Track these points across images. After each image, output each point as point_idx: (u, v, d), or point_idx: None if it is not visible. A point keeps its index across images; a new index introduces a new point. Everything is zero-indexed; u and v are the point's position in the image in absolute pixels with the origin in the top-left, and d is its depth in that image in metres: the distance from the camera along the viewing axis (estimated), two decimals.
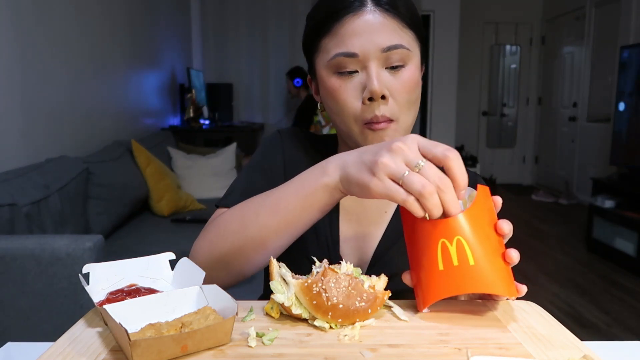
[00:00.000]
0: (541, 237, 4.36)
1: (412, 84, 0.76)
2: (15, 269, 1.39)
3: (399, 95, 0.75)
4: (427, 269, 0.60)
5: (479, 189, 0.60)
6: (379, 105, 0.74)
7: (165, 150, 3.46)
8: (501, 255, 0.60)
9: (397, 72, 0.75)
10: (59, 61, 2.42)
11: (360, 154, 0.62)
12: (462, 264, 0.58)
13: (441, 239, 0.58)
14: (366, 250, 0.86)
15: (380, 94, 0.73)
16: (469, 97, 6.64)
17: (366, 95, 0.74)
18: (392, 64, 0.74)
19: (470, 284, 0.59)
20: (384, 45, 0.73)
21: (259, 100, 5.16)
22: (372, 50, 0.73)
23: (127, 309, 0.56)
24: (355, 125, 0.77)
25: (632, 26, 4.53)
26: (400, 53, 0.74)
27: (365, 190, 0.59)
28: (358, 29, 0.74)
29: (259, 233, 0.69)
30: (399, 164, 0.57)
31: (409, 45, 0.75)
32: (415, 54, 0.77)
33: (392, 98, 0.75)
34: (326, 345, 0.55)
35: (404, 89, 0.75)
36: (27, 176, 1.86)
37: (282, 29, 5.00)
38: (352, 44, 0.74)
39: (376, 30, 0.74)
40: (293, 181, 0.68)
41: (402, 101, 0.76)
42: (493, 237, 0.60)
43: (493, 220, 0.61)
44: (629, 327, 2.67)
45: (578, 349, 0.55)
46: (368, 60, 0.74)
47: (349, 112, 0.76)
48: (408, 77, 0.75)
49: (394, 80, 0.75)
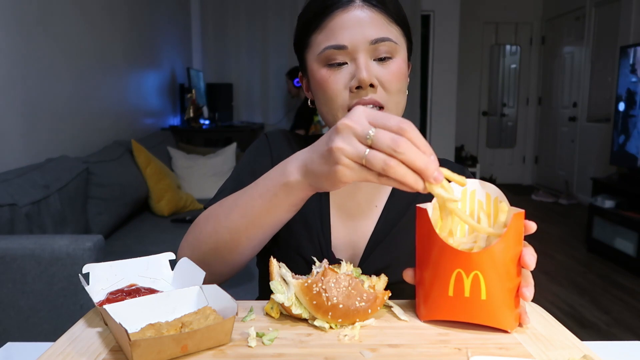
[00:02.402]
0: (541, 237, 4.36)
1: (400, 74, 0.80)
2: (15, 269, 1.39)
3: (388, 84, 0.79)
4: (435, 288, 0.59)
5: (513, 217, 0.57)
6: (367, 93, 0.77)
7: (165, 150, 3.46)
8: (516, 289, 0.58)
9: (385, 63, 0.79)
10: (59, 61, 2.42)
11: (314, 148, 0.60)
12: (473, 297, 0.57)
13: (458, 269, 0.57)
14: (358, 244, 0.87)
15: (368, 82, 0.76)
16: (469, 97, 6.64)
17: (354, 84, 0.77)
18: (380, 55, 0.78)
19: (477, 316, 0.58)
20: (372, 37, 0.77)
21: (259, 100, 5.15)
22: (360, 42, 0.77)
23: (127, 309, 0.56)
24: (342, 113, 0.80)
25: (632, 26, 4.53)
26: (387, 45, 0.78)
27: (334, 181, 0.56)
28: (347, 23, 0.78)
29: (230, 235, 0.71)
30: (353, 144, 0.53)
31: (396, 39, 0.79)
32: (402, 48, 0.81)
33: (381, 87, 0.79)
34: (326, 345, 0.55)
35: (393, 78, 0.79)
36: (27, 176, 1.86)
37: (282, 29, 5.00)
38: (341, 37, 0.77)
39: (365, 24, 0.77)
40: (257, 183, 0.69)
41: (391, 89, 0.79)
42: (513, 271, 0.58)
43: (518, 251, 0.58)
44: (629, 327, 2.67)
45: (578, 349, 0.55)
46: (357, 52, 0.77)
47: (337, 100, 0.79)
48: (396, 68, 0.79)
49: (383, 70, 0.79)
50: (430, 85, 5.64)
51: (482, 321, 0.58)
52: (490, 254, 0.56)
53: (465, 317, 0.59)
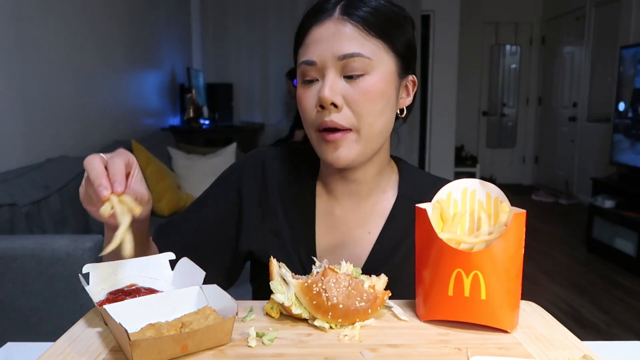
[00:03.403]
0: (541, 237, 4.36)
1: (373, 93, 0.74)
2: (15, 269, 1.39)
3: (356, 105, 0.73)
4: (435, 287, 0.60)
5: (514, 216, 0.57)
6: (330, 112, 0.73)
7: (165, 150, 3.45)
8: (516, 289, 0.58)
9: (354, 81, 0.73)
10: (59, 61, 2.42)
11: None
12: (472, 296, 0.57)
13: (457, 269, 0.57)
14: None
15: (329, 101, 0.72)
16: (469, 97, 6.64)
17: (317, 102, 0.74)
18: (349, 73, 0.73)
19: (477, 315, 0.58)
20: (340, 53, 0.73)
21: (259, 100, 5.15)
22: (329, 58, 0.73)
23: (127, 309, 0.56)
24: (313, 133, 0.77)
25: (632, 26, 4.53)
26: (358, 61, 0.73)
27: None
28: (319, 37, 0.75)
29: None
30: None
31: (371, 54, 0.73)
32: (382, 64, 0.75)
33: (348, 107, 0.74)
34: (326, 345, 0.55)
35: (363, 98, 0.73)
36: (27, 176, 1.86)
37: (282, 29, 5.00)
38: (312, 52, 0.75)
39: (334, 38, 0.73)
40: None
41: (361, 110, 0.74)
42: (513, 271, 0.58)
43: (519, 250, 0.58)
44: (629, 327, 2.67)
45: (578, 349, 0.55)
46: (325, 68, 0.74)
47: (308, 119, 0.77)
48: (368, 86, 0.73)
49: (351, 89, 0.74)
50: (430, 85, 5.63)
51: (482, 321, 0.58)
52: (490, 253, 0.56)
53: (465, 317, 0.59)
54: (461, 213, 0.63)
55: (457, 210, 0.64)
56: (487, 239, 0.59)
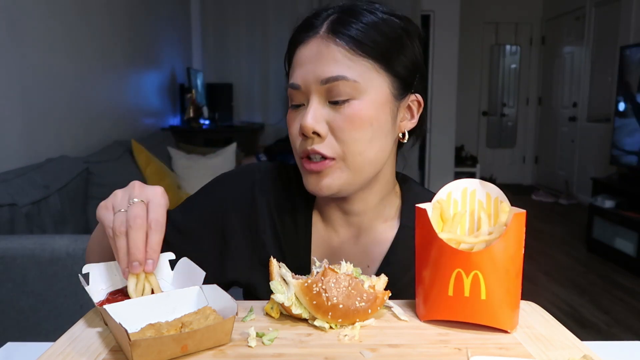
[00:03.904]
0: (541, 237, 4.36)
1: (360, 120, 0.67)
2: (15, 269, 1.39)
3: (341, 132, 0.67)
4: (435, 287, 0.60)
5: (514, 217, 0.56)
6: (312, 142, 0.68)
7: (165, 150, 3.46)
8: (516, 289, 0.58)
9: (340, 107, 0.67)
10: (59, 61, 2.42)
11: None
12: (473, 296, 0.57)
13: (457, 269, 0.57)
14: None
15: (310, 130, 0.67)
16: (469, 97, 6.64)
17: (300, 130, 0.69)
18: (333, 98, 0.67)
19: (477, 316, 0.58)
20: (323, 76, 0.66)
21: (258, 100, 5.15)
22: (311, 82, 0.67)
23: (127, 309, 0.56)
24: (298, 160, 0.73)
25: (632, 26, 4.53)
26: (343, 85, 0.66)
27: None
28: (303, 59, 0.69)
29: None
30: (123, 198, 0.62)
31: (358, 76, 0.67)
32: (372, 87, 0.68)
33: (333, 135, 0.68)
34: (326, 345, 0.55)
35: (349, 125, 0.67)
36: (27, 176, 1.86)
37: (283, 28, 5.00)
38: (297, 75, 0.69)
39: (317, 60, 0.67)
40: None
41: (347, 139, 0.67)
42: (512, 270, 0.57)
43: (519, 250, 0.58)
44: (629, 327, 2.67)
45: (578, 349, 0.55)
46: (310, 93, 0.68)
47: (293, 146, 0.72)
48: (354, 113, 0.67)
49: (337, 115, 0.67)
50: (430, 85, 5.63)
51: (481, 321, 0.58)
52: (490, 253, 0.56)
53: (465, 317, 0.59)
54: (461, 213, 0.63)
55: (457, 210, 0.64)
56: (487, 239, 0.59)
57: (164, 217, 0.61)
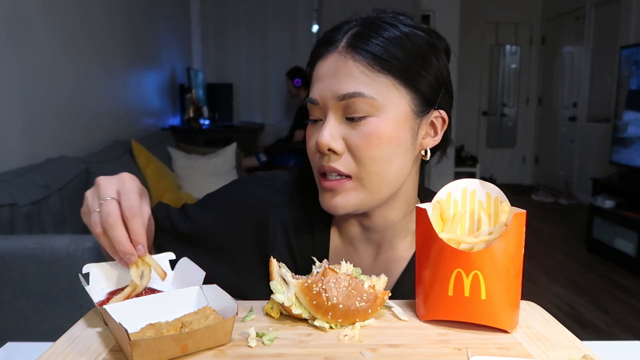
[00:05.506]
0: (541, 237, 4.36)
1: (377, 139, 0.65)
2: (15, 269, 1.39)
3: (357, 151, 0.66)
4: (435, 287, 0.60)
5: (514, 217, 0.56)
6: (329, 159, 0.67)
7: (165, 150, 3.46)
8: (516, 289, 0.58)
9: (357, 124, 0.66)
10: (59, 61, 2.42)
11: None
12: (472, 296, 0.57)
13: (457, 269, 0.57)
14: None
15: (326, 147, 0.66)
16: (469, 97, 6.64)
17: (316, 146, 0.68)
18: (350, 115, 0.66)
19: (477, 315, 0.58)
20: (340, 92, 0.65)
21: (259, 100, 5.15)
22: (328, 98, 0.66)
23: (127, 309, 0.56)
24: (317, 176, 0.72)
25: (632, 26, 4.53)
26: (360, 102, 0.65)
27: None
28: (321, 74, 0.68)
29: None
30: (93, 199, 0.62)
31: (376, 93, 0.65)
32: (391, 104, 0.66)
33: (350, 153, 0.67)
34: (326, 345, 0.55)
35: (365, 143, 0.65)
36: (27, 176, 1.86)
37: (282, 29, 5.00)
38: (315, 90, 0.68)
39: (334, 76, 0.66)
40: None
41: (363, 157, 0.66)
42: (512, 270, 0.57)
43: (519, 250, 0.58)
44: (629, 327, 2.67)
45: (578, 349, 0.55)
46: (327, 109, 0.67)
47: (312, 160, 0.71)
48: (369, 131, 0.65)
49: (353, 132, 0.66)
50: None
51: (481, 321, 0.58)
52: (490, 253, 0.56)
53: (465, 317, 0.59)
54: (461, 213, 0.63)
55: (457, 210, 0.64)
56: (487, 239, 0.59)
57: (136, 200, 0.62)
